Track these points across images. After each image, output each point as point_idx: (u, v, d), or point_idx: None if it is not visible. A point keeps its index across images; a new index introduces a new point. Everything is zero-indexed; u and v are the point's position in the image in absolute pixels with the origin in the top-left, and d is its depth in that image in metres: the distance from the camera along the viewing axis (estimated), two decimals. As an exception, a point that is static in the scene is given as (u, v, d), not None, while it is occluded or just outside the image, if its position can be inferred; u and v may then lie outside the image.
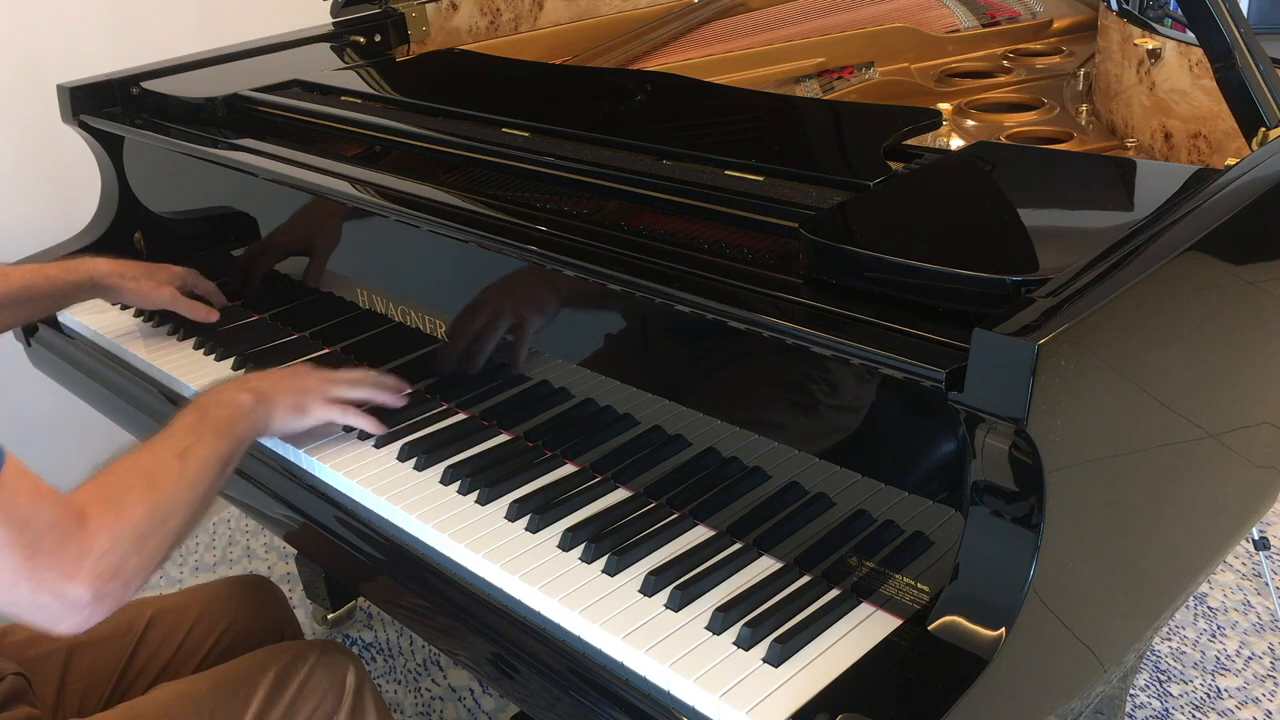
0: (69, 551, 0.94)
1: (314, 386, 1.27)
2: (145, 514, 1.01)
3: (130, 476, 1.04)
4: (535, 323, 1.24)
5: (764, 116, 1.41)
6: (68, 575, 0.94)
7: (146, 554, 1.00)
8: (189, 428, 1.12)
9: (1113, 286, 0.87)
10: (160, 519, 1.02)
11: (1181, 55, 1.50)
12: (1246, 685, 2.01)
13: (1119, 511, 0.97)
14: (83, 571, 0.94)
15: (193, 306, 1.56)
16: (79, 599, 0.95)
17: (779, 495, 1.06)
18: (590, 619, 1.00)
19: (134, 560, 0.99)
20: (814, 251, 1.00)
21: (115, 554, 0.97)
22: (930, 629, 0.88)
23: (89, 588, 0.95)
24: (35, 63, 2.23)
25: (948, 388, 0.84)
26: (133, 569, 0.99)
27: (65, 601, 0.94)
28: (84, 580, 0.94)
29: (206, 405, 1.17)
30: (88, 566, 0.95)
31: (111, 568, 0.96)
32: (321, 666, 1.27)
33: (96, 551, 0.96)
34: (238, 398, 1.19)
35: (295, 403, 1.24)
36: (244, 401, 1.19)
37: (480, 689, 2.08)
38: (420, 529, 1.15)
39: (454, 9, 2.04)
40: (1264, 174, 1.08)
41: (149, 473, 1.05)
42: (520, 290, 1.24)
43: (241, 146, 1.54)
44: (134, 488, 1.02)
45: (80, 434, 2.34)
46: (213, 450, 1.11)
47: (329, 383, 1.28)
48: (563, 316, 1.22)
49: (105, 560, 0.96)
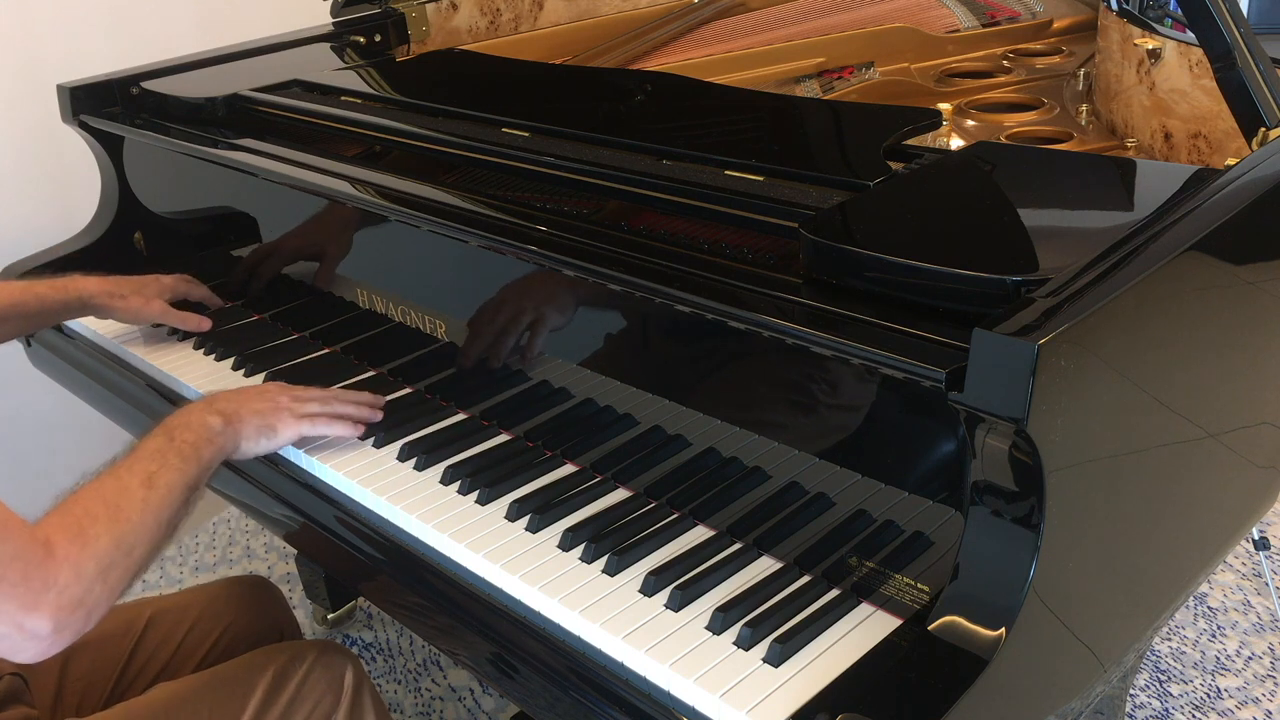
0: (32, 584, 0.93)
1: (284, 405, 1.25)
2: (110, 545, 1.00)
3: (95, 505, 1.02)
4: (553, 322, 1.24)
5: (764, 116, 1.41)
6: (29, 608, 0.93)
7: (110, 584, 1.00)
8: (155, 453, 1.11)
9: (1113, 286, 0.87)
10: (125, 549, 1.01)
11: (1181, 55, 1.50)
12: (1246, 685, 2.01)
13: (1119, 511, 0.97)
14: (45, 604, 0.93)
15: (184, 318, 1.56)
16: (39, 630, 0.94)
17: (779, 495, 1.06)
18: (590, 619, 1.00)
19: (97, 590, 0.98)
20: (814, 251, 1.00)
21: (79, 586, 0.96)
22: (930, 629, 0.88)
23: (50, 620, 0.94)
24: (35, 63, 2.23)
25: (948, 388, 0.84)
26: (95, 599, 0.98)
27: (25, 633, 0.94)
28: (46, 612, 0.93)
29: (173, 428, 1.15)
30: (50, 599, 0.94)
31: (74, 599, 0.96)
32: (320, 666, 1.27)
33: (60, 584, 0.95)
34: (205, 419, 1.17)
35: (264, 424, 1.22)
36: (212, 424, 1.17)
37: (480, 689, 2.08)
38: (420, 529, 1.15)
39: (454, 9, 2.04)
40: (1264, 174, 1.08)
41: (114, 502, 1.03)
42: (538, 292, 1.24)
43: (241, 146, 1.54)
44: (99, 517, 1.01)
45: (80, 434, 2.34)
46: (179, 476, 1.10)
47: (299, 401, 1.26)
48: (563, 317, 1.22)
49: (68, 593, 0.95)
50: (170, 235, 1.81)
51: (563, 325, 1.23)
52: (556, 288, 1.21)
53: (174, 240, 1.81)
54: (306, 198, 1.43)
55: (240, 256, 1.67)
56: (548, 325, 1.24)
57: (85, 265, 1.80)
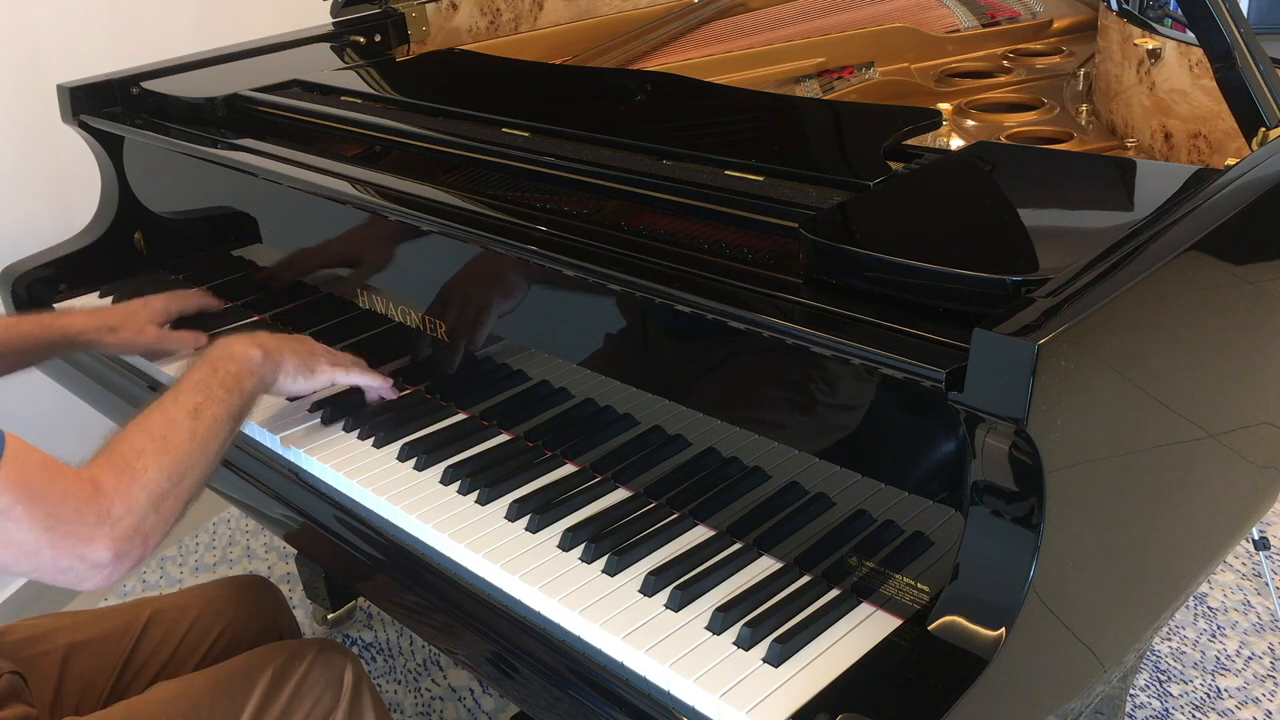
0: (86, 519, 0.97)
1: (319, 350, 1.30)
2: (160, 475, 1.04)
3: (141, 439, 1.06)
4: (501, 306, 1.25)
5: (764, 116, 1.41)
6: (87, 540, 0.97)
7: (163, 513, 1.03)
8: (199, 384, 1.14)
9: (1113, 286, 0.87)
10: (175, 479, 1.05)
11: (1181, 55, 1.50)
12: (1246, 685, 2.01)
13: (1119, 511, 0.97)
14: (102, 535, 0.97)
15: (180, 339, 1.53)
16: (100, 559, 0.98)
17: (779, 495, 1.06)
18: (590, 619, 1.00)
19: (151, 519, 1.02)
20: (814, 251, 1.00)
21: (132, 516, 1.00)
22: (930, 629, 0.88)
23: (109, 549, 0.98)
24: (35, 63, 2.23)
25: (948, 388, 0.84)
26: (150, 527, 1.02)
27: (88, 563, 0.98)
28: (103, 543, 0.98)
29: (216, 360, 1.18)
30: (106, 530, 0.98)
31: (130, 528, 1.00)
32: (319, 665, 1.27)
33: (114, 515, 0.99)
34: (248, 351, 1.20)
35: (302, 363, 1.26)
36: (253, 356, 1.20)
37: (480, 689, 2.08)
38: (420, 529, 1.16)
39: (454, 9, 2.04)
40: (1264, 174, 1.08)
41: (161, 434, 1.07)
42: (482, 274, 1.25)
43: (241, 146, 1.54)
44: (146, 450, 1.05)
45: (80, 434, 2.34)
46: (224, 407, 1.13)
47: (333, 355, 1.32)
48: (563, 317, 1.23)
49: (124, 523, 0.99)
50: (170, 235, 1.81)
51: (563, 325, 1.23)
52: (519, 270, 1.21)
53: (174, 240, 1.81)
54: (306, 197, 1.43)
55: (241, 258, 1.67)
56: (547, 325, 1.24)
57: (85, 265, 1.80)
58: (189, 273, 1.79)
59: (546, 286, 1.22)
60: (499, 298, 1.27)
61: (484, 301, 1.28)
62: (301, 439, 1.31)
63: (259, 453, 1.35)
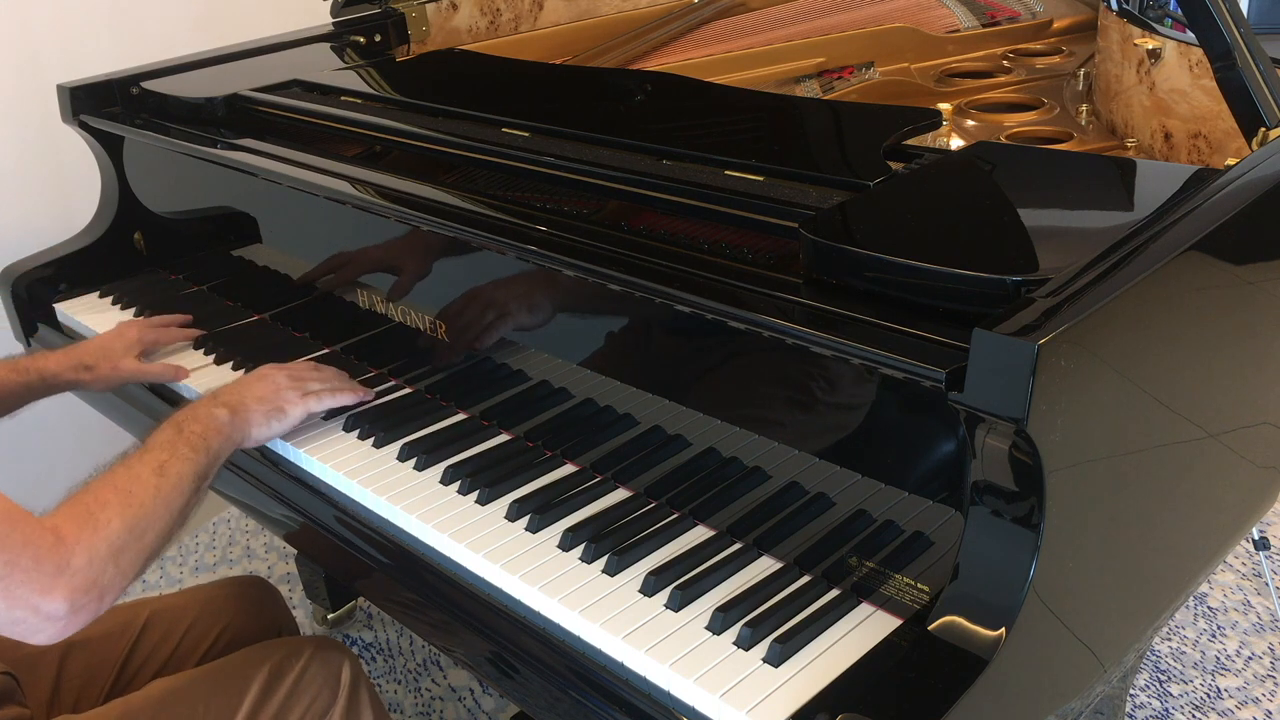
0: (44, 568, 0.96)
1: (284, 384, 1.28)
2: (122, 528, 1.03)
3: (106, 492, 1.05)
4: (523, 319, 1.25)
5: (764, 116, 1.41)
6: (43, 591, 0.96)
7: (123, 567, 1.03)
8: (165, 444, 1.14)
9: (1113, 286, 0.87)
10: (137, 533, 1.04)
11: (1181, 55, 1.50)
12: (1246, 685, 2.01)
13: (1119, 511, 0.97)
14: (59, 587, 0.96)
15: (161, 370, 1.49)
16: (55, 612, 0.97)
17: (779, 495, 1.06)
18: (590, 619, 1.00)
19: (110, 573, 1.01)
20: (814, 251, 1.00)
21: (92, 568, 0.99)
22: (930, 629, 0.88)
23: (65, 601, 0.97)
24: (35, 63, 2.23)
25: (948, 388, 0.84)
26: (108, 581, 1.01)
27: (41, 615, 0.96)
28: (60, 595, 0.96)
29: (181, 421, 1.18)
30: (64, 582, 0.96)
31: (88, 581, 0.98)
32: (316, 662, 1.27)
33: (73, 567, 0.97)
34: (212, 412, 1.20)
35: (271, 408, 1.25)
36: (219, 416, 1.20)
37: (480, 689, 2.08)
38: (420, 529, 1.15)
39: (454, 9, 2.04)
40: (1264, 174, 1.08)
41: (125, 489, 1.06)
42: (513, 288, 1.25)
43: (241, 146, 1.54)
44: (110, 503, 1.04)
45: (80, 434, 2.34)
46: (189, 466, 1.13)
47: (298, 380, 1.30)
48: (563, 316, 1.23)
49: (82, 575, 0.98)
50: (170, 235, 1.81)
51: (563, 325, 1.23)
52: (549, 288, 1.21)
53: (174, 240, 1.81)
54: (306, 197, 1.43)
55: (241, 258, 1.67)
56: (547, 325, 1.24)
57: (85, 265, 1.80)
58: (189, 273, 1.79)
59: (547, 287, 1.22)
60: (513, 308, 1.26)
61: (499, 310, 1.27)
62: (302, 439, 1.31)
63: (259, 453, 1.35)
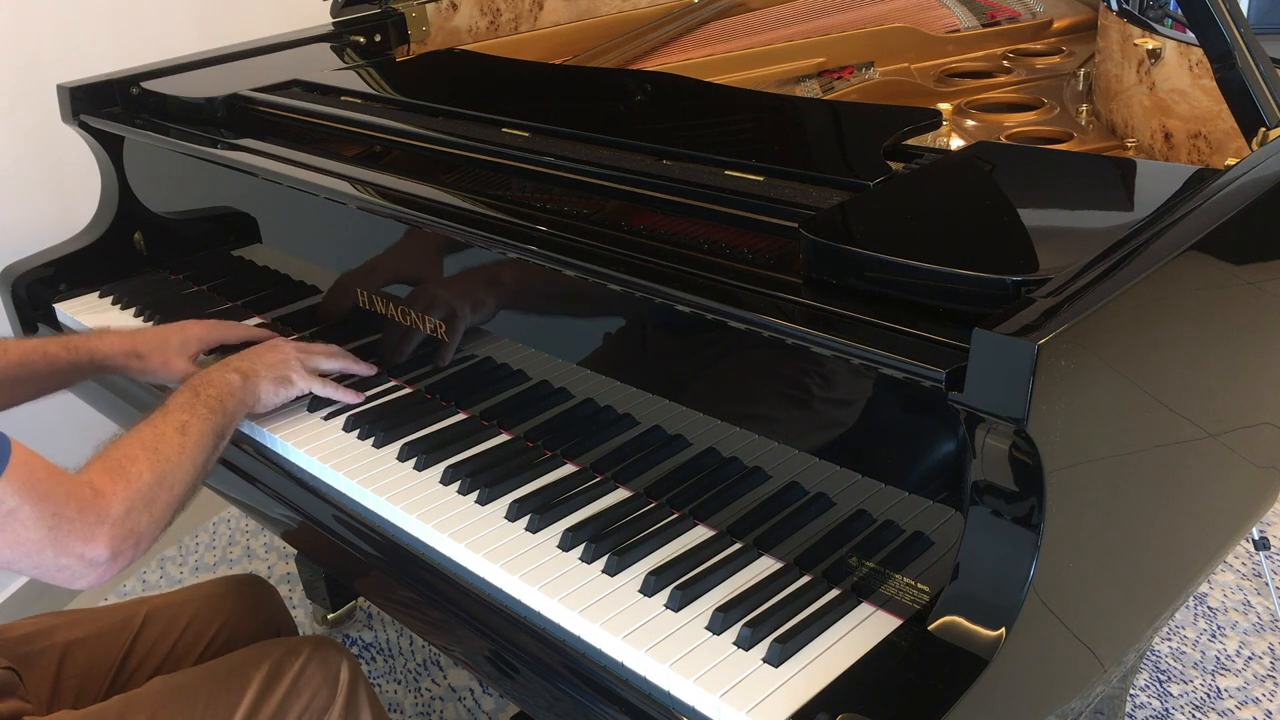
0: (87, 517, 1.03)
1: (292, 356, 1.35)
2: (152, 479, 1.10)
3: (134, 448, 1.13)
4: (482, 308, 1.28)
5: (764, 116, 1.41)
6: (87, 539, 1.03)
7: (155, 515, 1.10)
8: (184, 405, 1.21)
9: (1113, 286, 0.87)
10: (166, 485, 1.12)
11: (1181, 55, 1.50)
12: (1246, 685, 2.01)
13: (1119, 511, 0.97)
14: (101, 534, 1.04)
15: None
16: (97, 558, 1.04)
17: (779, 495, 1.06)
18: (590, 619, 1.00)
19: (144, 520, 1.08)
20: (814, 251, 1.00)
21: (130, 517, 1.07)
22: (930, 629, 0.88)
23: (107, 548, 1.04)
24: (35, 63, 2.23)
25: (948, 388, 0.84)
26: (144, 528, 1.08)
27: (85, 561, 1.04)
28: (102, 542, 1.04)
29: (198, 386, 1.25)
30: (105, 530, 1.04)
31: (126, 529, 1.06)
32: (315, 661, 1.28)
33: (113, 516, 1.05)
34: (226, 377, 1.28)
35: (279, 376, 1.33)
36: (232, 380, 1.28)
37: (480, 689, 2.08)
38: (420, 529, 1.15)
39: (454, 9, 2.04)
40: (1264, 174, 1.08)
41: (152, 445, 1.14)
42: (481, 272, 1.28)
43: (241, 146, 1.54)
44: (139, 457, 1.11)
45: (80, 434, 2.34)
46: (208, 424, 1.20)
47: (306, 353, 1.37)
48: (563, 316, 1.23)
49: (120, 523, 1.05)
50: (170, 235, 1.82)
51: (564, 325, 1.23)
52: (547, 280, 1.21)
53: (174, 240, 1.81)
54: (307, 197, 1.43)
55: (241, 258, 1.67)
56: (545, 324, 1.24)
57: (85, 265, 1.80)
58: (189, 273, 1.79)
59: (546, 286, 1.22)
60: (498, 296, 1.27)
61: (485, 300, 1.28)
62: (302, 439, 1.31)
63: (259, 452, 1.35)
